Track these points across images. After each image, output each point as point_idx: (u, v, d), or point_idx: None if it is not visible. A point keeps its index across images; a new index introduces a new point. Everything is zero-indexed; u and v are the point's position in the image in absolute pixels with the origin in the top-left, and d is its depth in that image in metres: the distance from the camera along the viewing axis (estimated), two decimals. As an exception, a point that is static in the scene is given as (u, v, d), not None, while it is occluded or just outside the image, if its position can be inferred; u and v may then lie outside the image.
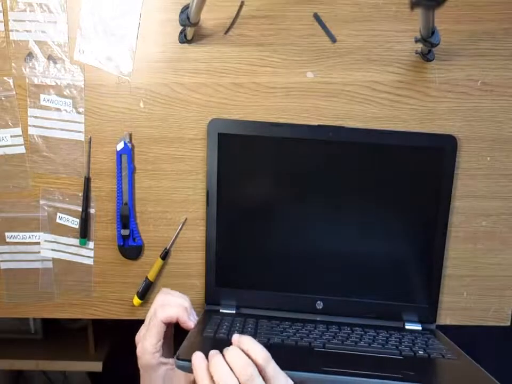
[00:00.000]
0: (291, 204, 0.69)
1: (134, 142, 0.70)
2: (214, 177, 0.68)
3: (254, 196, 0.69)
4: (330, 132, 0.68)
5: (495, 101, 0.69)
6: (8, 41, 0.68)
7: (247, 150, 0.68)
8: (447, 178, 0.68)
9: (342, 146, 0.68)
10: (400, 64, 0.69)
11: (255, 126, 0.68)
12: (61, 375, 1.39)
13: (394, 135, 0.68)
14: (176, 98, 0.70)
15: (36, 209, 0.72)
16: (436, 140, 0.68)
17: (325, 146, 0.68)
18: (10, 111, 0.70)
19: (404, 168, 0.68)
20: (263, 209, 0.69)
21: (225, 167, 0.68)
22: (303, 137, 0.68)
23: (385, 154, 0.68)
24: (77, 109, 0.70)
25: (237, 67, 0.69)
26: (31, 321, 1.24)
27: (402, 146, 0.67)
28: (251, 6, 0.68)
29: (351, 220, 0.69)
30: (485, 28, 0.68)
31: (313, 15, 0.68)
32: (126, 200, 0.71)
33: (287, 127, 0.68)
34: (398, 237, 0.69)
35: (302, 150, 0.68)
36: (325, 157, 0.68)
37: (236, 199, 0.69)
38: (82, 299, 0.74)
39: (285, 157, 0.68)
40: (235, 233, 0.69)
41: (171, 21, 0.68)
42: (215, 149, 0.68)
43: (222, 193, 0.69)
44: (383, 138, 0.68)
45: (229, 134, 0.68)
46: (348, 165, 0.68)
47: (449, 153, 0.68)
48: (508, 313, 0.75)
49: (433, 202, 0.68)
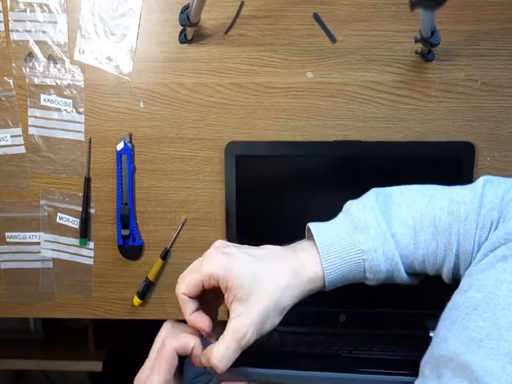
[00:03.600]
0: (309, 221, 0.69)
1: (134, 142, 0.70)
2: (232, 197, 0.69)
3: (272, 214, 0.69)
4: (346, 146, 0.68)
5: (495, 101, 0.69)
6: (8, 41, 0.68)
7: (264, 169, 0.69)
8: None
9: (357, 160, 0.68)
10: (400, 64, 0.69)
11: (271, 146, 0.69)
12: (61, 375, 1.39)
13: (409, 145, 0.68)
14: (176, 98, 0.70)
15: (36, 209, 0.72)
16: (453, 148, 0.67)
17: (341, 162, 0.68)
18: (10, 111, 0.70)
19: (422, 179, 0.68)
20: (282, 229, 0.69)
21: (243, 188, 0.69)
22: (318, 154, 0.68)
23: (402, 165, 0.68)
24: (77, 109, 0.70)
25: (237, 67, 0.69)
26: (31, 321, 1.24)
27: (419, 156, 0.67)
28: (251, 6, 0.68)
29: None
30: (485, 28, 0.68)
31: (313, 15, 0.68)
32: (126, 200, 0.71)
33: (302, 145, 0.68)
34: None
35: (317, 165, 0.68)
36: (342, 172, 0.68)
37: (254, 218, 0.70)
38: (82, 299, 0.74)
39: (301, 173, 0.69)
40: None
41: (171, 21, 0.68)
42: (233, 171, 0.68)
43: (240, 213, 0.69)
44: (400, 150, 0.67)
45: (246, 155, 0.68)
46: (365, 179, 0.68)
47: (467, 161, 0.66)
48: None
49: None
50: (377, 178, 0.68)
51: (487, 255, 0.43)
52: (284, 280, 0.45)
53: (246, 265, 0.45)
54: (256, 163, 0.69)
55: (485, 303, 0.38)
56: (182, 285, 0.45)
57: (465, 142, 0.67)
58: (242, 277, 0.44)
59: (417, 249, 0.47)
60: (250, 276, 0.45)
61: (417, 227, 0.47)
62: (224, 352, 0.43)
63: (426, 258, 0.48)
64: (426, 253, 0.47)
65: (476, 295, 0.39)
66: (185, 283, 0.45)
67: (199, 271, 0.45)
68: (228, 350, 0.43)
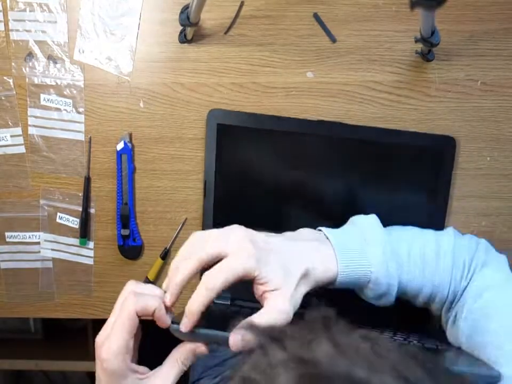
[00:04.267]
0: (289, 198, 0.69)
1: (134, 142, 0.70)
2: (211, 168, 0.68)
3: (252, 188, 0.69)
4: (330, 127, 0.68)
5: (495, 101, 0.69)
6: (8, 41, 0.68)
7: (246, 141, 0.68)
8: (445, 179, 0.68)
9: (341, 142, 0.68)
10: (400, 64, 0.69)
11: (254, 118, 0.68)
12: (61, 375, 1.39)
13: (393, 133, 0.68)
14: (176, 98, 0.70)
15: (36, 209, 0.72)
16: (434, 140, 0.68)
17: (324, 142, 0.68)
18: (10, 111, 0.70)
19: (402, 167, 0.68)
20: (261, 202, 0.69)
21: (224, 158, 0.68)
22: (302, 132, 0.68)
23: (383, 151, 0.68)
24: (77, 109, 0.70)
25: (237, 67, 0.69)
26: (31, 321, 1.23)
27: (401, 145, 0.67)
28: (251, 6, 0.68)
29: (346, 216, 0.68)
30: (485, 28, 0.68)
31: (313, 15, 0.68)
32: (126, 200, 0.71)
33: (287, 121, 0.68)
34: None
35: (301, 144, 0.68)
36: (324, 152, 0.68)
37: (233, 191, 0.69)
38: (82, 299, 0.74)
39: (283, 150, 0.68)
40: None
41: (171, 21, 0.68)
42: (214, 140, 0.68)
43: (219, 185, 0.68)
44: (382, 136, 0.68)
45: (228, 125, 0.68)
46: (346, 161, 0.68)
47: (448, 154, 0.68)
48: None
49: (431, 203, 0.68)
50: (356, 161, 0.68)
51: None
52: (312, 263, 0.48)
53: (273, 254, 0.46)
54: (238, 134, 0.68)
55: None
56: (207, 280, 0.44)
57: (446, 136, 0.68)
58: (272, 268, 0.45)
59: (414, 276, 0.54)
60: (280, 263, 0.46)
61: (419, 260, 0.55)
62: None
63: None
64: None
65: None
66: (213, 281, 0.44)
67: (227, 267, 0.44)
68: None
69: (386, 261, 0.52)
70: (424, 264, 0.54)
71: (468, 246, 0.56)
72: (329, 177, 0.68)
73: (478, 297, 0.52)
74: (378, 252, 0.52)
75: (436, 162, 0.68)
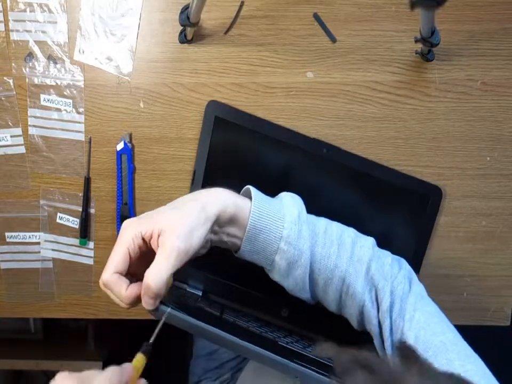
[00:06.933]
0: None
1: (134, 142, 0.70)
2: (203, 159, 0.68)
3: (239, 186, 0.69)
4: (325, 148, 0.68)
5: (495, 101, 0.69)
6: (8, 41, 0.68)
7: (239, 140, 0.68)
8: (427, 224, 0.70)
9: (332, 166, 0.68)
10: (400, 64, 0.69)
11: (252, 120, 0.68)
12: (61, 375, 1.39)
13: (386, 170, 0.69)
14: (176, 98, 0.70)
15: (36, 209, 0.72)
16: (425, 187, 0.69)
17: (315, 160, 0.68)
18: (10, 111, 0.70)
19: (388, 201, 0.69)
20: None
21: (216, 151, 0.68)
22: (297, 146, 0.68)
23: (373, 184, 0.69)
24: (77, 109, 0.70)
25: (237, 67, 0.69)
26: (31, 321, 1.23)
27: (392, 183, 0.69)
28: (251, 6, 0.68)
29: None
30: (485, 28, 0.68)
31: (313, 15, 0.68)
32: (126, 200, 0.71)
33: (284, 132, 0.68)
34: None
35: (293, 157, 0.68)
36: (313, 171, 0.68)
37: (220, 184, 0.69)
38: (82, 299, 0.74)
39: (275, 158, 0.68)
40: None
41: (171, 21, 0.68)
42: (209, 131, 0.68)
43: (208, 177, 0.68)
44: (374, 170, 0.69)
45: (226, 120, 0.68)
46: (333, 183, 0.69)
47: (434, 204, 0.70)
48: (508, 313, 0.75)
49: (411, 243, 0.70)
50: (342, 185, 0.69)
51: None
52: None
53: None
54: (234, 131, 0.68)
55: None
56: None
57: (435, 185, 0.70)
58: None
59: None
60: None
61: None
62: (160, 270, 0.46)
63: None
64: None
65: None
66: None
67: (120, 240, 0.49)
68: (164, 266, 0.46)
69: (301, 223, 0.51)
70: (341, 245, 0.52)
71: (390, 264, 0.54)
72: (314, 194, 0.68)
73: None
74: (294, 213, 0.51)
75: (421, 206, 0.70)
